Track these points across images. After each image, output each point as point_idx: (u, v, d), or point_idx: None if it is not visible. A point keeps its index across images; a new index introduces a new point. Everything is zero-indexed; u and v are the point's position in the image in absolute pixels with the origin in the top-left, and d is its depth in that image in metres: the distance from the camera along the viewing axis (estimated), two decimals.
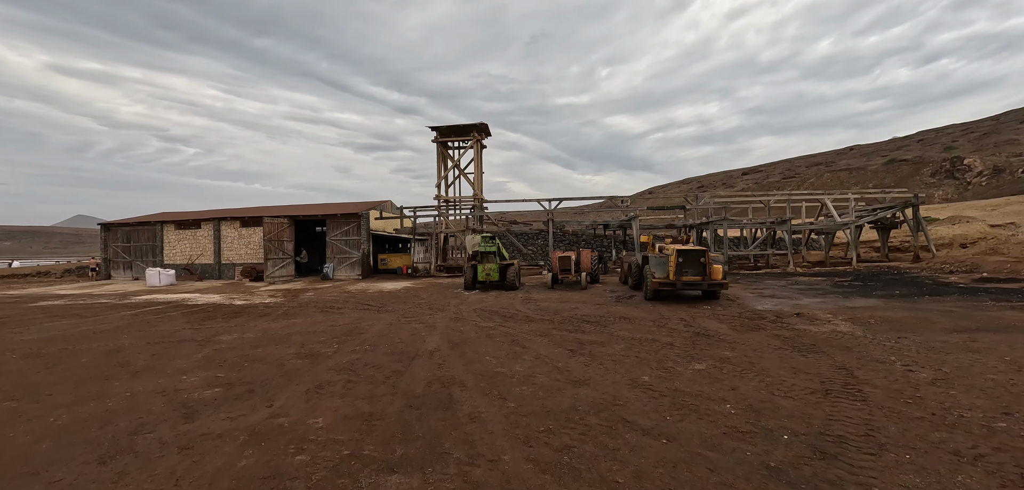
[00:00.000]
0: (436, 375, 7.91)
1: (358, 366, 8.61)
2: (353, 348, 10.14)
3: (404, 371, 8.22)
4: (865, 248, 32.08)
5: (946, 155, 71.66)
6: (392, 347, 10.20)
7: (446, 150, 31.20)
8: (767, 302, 15.85)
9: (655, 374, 7.71)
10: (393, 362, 8.87)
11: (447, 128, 30.48)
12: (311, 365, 8.77)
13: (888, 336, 10.20)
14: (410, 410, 6.21)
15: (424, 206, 29.67)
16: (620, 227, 28.21)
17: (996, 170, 57.66)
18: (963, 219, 34.56)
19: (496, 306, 16.45)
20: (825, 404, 6.11)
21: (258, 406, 6.54)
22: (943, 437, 5.04)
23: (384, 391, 7.08)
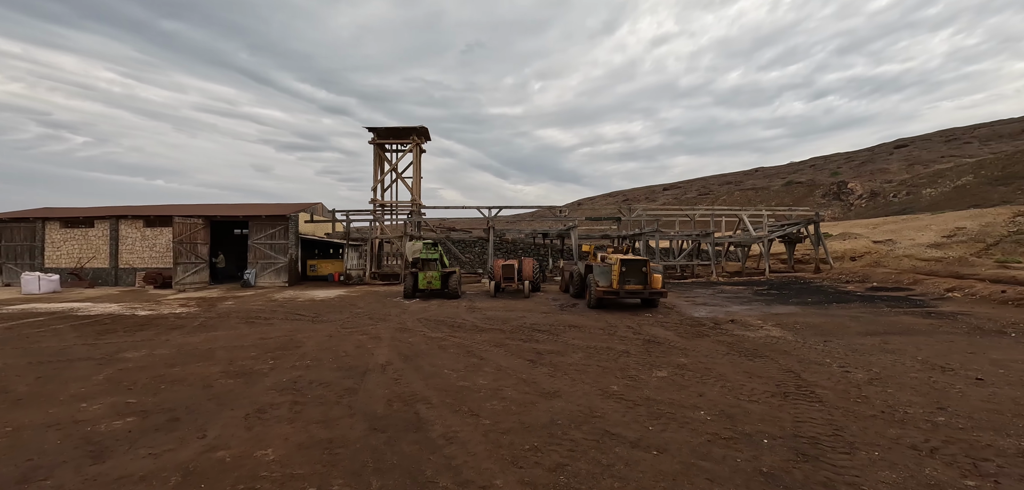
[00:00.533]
0: (395, 392, 7.29)
1: (303, 385, 7.73)
2: (292, 364, 9.15)
3: (358, 388, 7.50)
4: (774, 260, 35.28)
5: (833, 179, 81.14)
6: (338, 361, 9.35)
7: (383, 153, 29.91)
8: (702, 310, 16.73)
9: (623, 383, 7.68)
10: (343, 378, 8.08)
11: (386, 130, 29.24)
12: (246, 385, 7.74)
13: (816, 340, 11.08)
14: (376, 433, 5.60)
15: (359, 210, 28.16)
16: (558, 236, 28.68)
17: (873, 193, 66.33)
18: (851, 235, 39.19)
19: (441, 315, 15.86)
20: (788, 407, 6.38)
21: (188, 438, 5.57)
22: (898, 433, 5.42)
23: (340, 412, 6.37)
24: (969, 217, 36.37)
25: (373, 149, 29.59)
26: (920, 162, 76.77)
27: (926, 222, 38.06)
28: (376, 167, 29.61)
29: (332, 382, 7.86)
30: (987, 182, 53.67)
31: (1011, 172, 52.45)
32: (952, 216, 38.31)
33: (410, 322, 14.56)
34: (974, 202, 48.05)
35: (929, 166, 73.07)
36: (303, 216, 28.57)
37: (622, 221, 28.27)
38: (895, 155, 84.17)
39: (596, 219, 30.76)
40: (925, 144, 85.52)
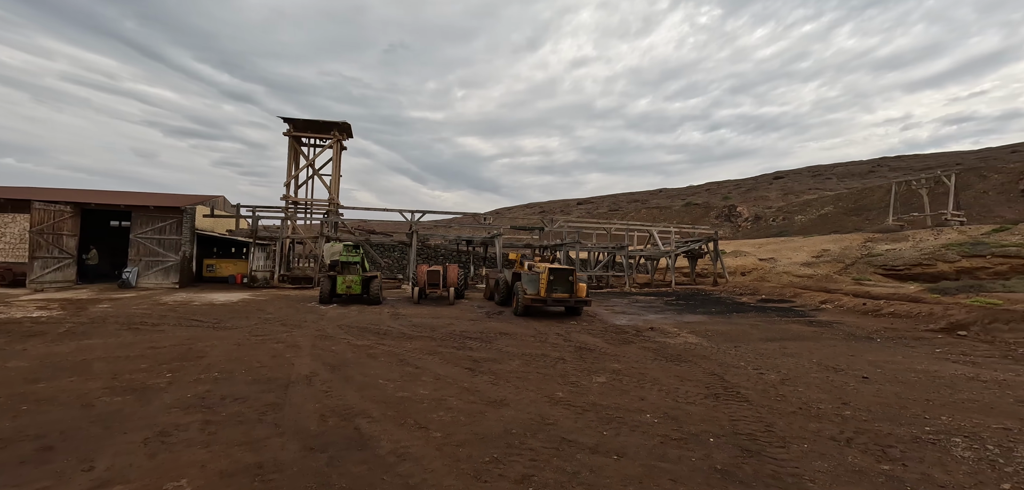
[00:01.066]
0: (328, 405, 6.61)
1: (213, 401, 6.74)
2: (196, 377, 7.96)
3: (282, 403, 6.70)
4: (677, 273, 38.31)
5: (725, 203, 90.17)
6: (252, 373, 8.32)
7: (300, 147, 27.67)
8: (622, 318, 17.54)
9: (566, 390, 7.69)
10: (262, 392, 7.18)
11: (304, 122, 27.06)
12: (139, 403, 6.56)
13: (727, 346, 12.07)
14: (314, 454, 4.99)
15: (268, 206, 25.69)
16: (482, 244, 28.56)
17: (757, 217, 74.84)
18: (741, 253, 43.78)
19: (363, 322, 14.93)
20: (722, 407, 6.79)
21: (69, 471, 4.54)
22: (817, 427, 5.99)
23: (265, 431, 5.61)
24: (832, 241, 42.39)
25: (288, 142, 27.25)
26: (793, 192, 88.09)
27: (799, 244, 43.72)
28: (291, 162, 27.31)
29: (249, 397, 6.95)
30: (844, 212, 63.01)
31: (861, 204, 62.12)
32: (819, 240, 44.39)
33: (330, 329, 13.51)
34: (834, 229, 56.17)
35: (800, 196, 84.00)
36: (202, 210, 25.43)
37: (545, 231, 28.92)
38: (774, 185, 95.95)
39: (521, 228, 31.16)
40: (797, 177, 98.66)
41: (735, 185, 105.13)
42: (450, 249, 30.62)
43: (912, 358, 10.48)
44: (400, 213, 27.70)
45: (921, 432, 5.87)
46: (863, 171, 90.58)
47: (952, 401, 7.15)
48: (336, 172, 27.15)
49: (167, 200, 25.19)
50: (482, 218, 30.56)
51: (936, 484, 4.56)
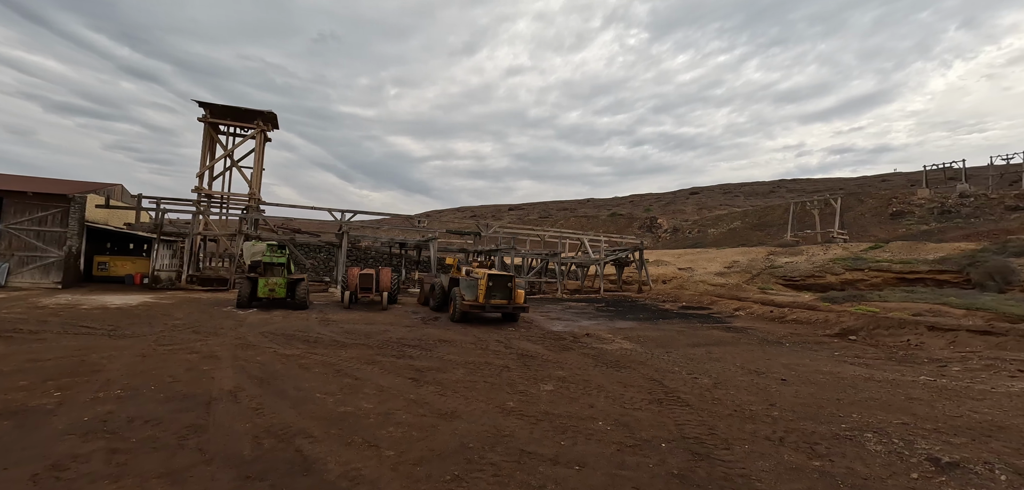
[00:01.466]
0: (261, 425, 5.99)
1: (118, 424, 5.84)
2: (93, 395, 6.88)
3: (205, 424, 5.96)
4: (605, 280, 39.95)
5: (646, 214, 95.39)
6: (164, 389, 7.35)
7: (217, 134, 25.19)
8: (558, 324, 17.87)
9: (516, 399, 7.62)
10: (178, 412, 6.36)
11: (223, 109, 24.63)
12: (21, 430, 5.52)
13: (659, 351, 12.69)
14: (252, 484, 4.46)
15: (176, 198, 23.06)
16: (416, 247, 27.83)
17: (675, 229, 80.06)
18: (662, 263, 46.56)
19: (290, 328, 13.88)
20: (666, 412, 7.08)
21: None
22: (753, 428, 6.42)
23: (189, 459, 4.94)
24: (740, 253, 46.42)
25: (204, 129, 24.69)
26: (707, 207, 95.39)
27: (713, 255, 47.39)
28: (205, 151, 24.76)
29: (164, 418, 6.11)
30: (750, 227, 69.23)
31: (764, 221, 68.66)
32: (729, 252, 48.40)
33: (252, 336, 12.39)
34: (742, 242, 61.53)
35: (712, 211, 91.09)
36: (94, 199, 22.26)
37: (481, 236, 28.83)
38: (690, 200, 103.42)
39: (456, 232, 30.80)
40: (710, 193, 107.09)
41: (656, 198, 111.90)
42: (382, 252, 29.46)
43: (817, 361, 11.66)
44: (329, 212, 26.23)
45: (838, 429, 6.50)
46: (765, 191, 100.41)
47: (857, 400, 8.01)
48: (258, 165, 25.05)
49: (50, 186, 21.79)
50: (416, 221, 29.78)
51: (859, 476, 5.05)
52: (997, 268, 29.83)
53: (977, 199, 48.84)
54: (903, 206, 53.88)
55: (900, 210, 53.41)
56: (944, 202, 50.69)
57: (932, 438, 6.22)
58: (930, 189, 56.51)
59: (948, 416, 7.14)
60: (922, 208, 51.54)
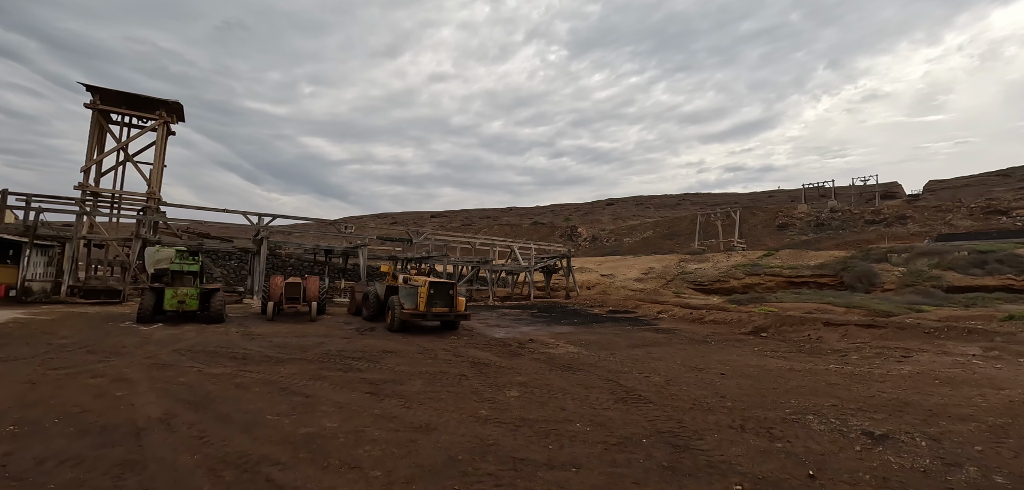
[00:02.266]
0: (212, 455, 5.27)
1: (24, 467, 4.81)
2: None
3: (142, 459, 5.11)
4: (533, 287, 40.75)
5: (566, 224, 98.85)
6: (72, 421, 6.21)
7: (108, 124, 21.82)
8: (498, 331, 17.87)
9: (487, 407, 7.46)
10: (101, 447, 5.39)
11: (117, 95, 21.34)
12: None
13: (604, 353, 13.16)
14: None
15: (52, 196, 19.58)
16: (343, 254, 26.31)
17: (594, 237, 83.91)
18: (586, 269, 48.53)
19: (209, 344, 12.44)
20: (633, 409, 7.34)
21: None
22: (715, 418, 6.87)
23: None
24: (655, 261, 49.82)
25: (92, 117, 21.25)
26: (622, 217, 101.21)
27: (632, 262, 50.36)
28: (93, 143, 21.33)
29: (85, 456, 5.14)
30: (661, 236, 74.57)
31: (674, 230, 74.36)
32: (645, 259, 51.75)
33: (165, 355, 10.92)
34: (655, 250, 66.07)
35: (626, 221, 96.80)
36: None
37: (413, 244, 28.02)
38: (607, 210, 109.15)
39: (387, 239, 29.61)
40: (624, 204, 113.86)
41: (575, 208, 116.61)
42: (305, 259, 27.45)
43: (743, 356, 12.80)
44: (244, 216, 23.98)
45: (784, 414, 7.17)
46: (673, 203, 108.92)
47: (789, 388, 8.90)
48: (159, 161, 22.07)
49: None
50: (341, 226, 28.18)
51: (816, 453, 5.62)
52: (864, 272, 34.87)
53: (843, 214, 57.04)
54: (787, 219, 61.37)
55: (785, 222, 60.75)
56: (819, 216, 58.58)
57: (859, 416, 7.09)
58: (808, 205, 64.90)
59: (863, 397, 8.18)
60: (802, 221, 59.11)
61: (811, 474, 5.13)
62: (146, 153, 22.45)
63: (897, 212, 53.06)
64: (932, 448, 5.87)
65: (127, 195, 21.96)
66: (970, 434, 6.33)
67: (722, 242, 51.22)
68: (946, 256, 32.47)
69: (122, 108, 21.83)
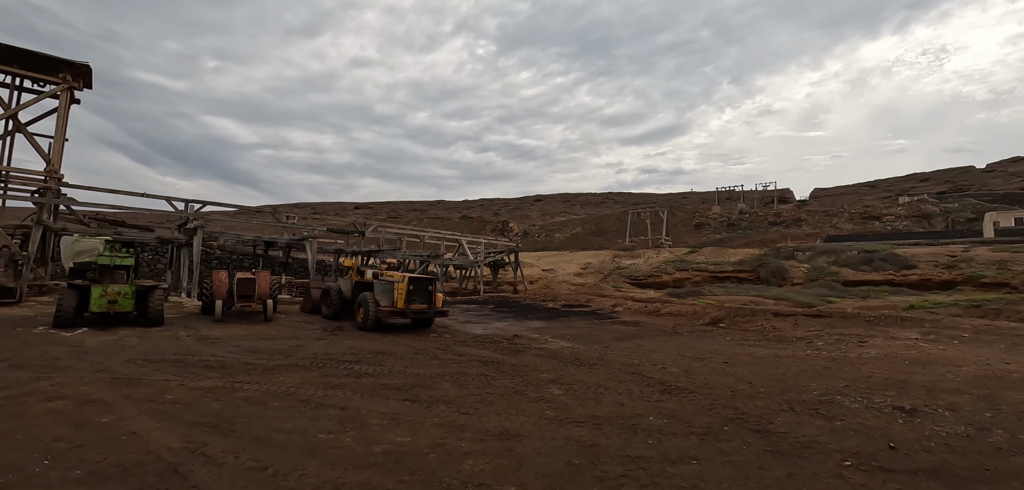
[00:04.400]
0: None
1: None
2: None
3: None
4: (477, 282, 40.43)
5: (497, 218, 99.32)
6: (73, 461, 5.03)
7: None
8: (475, 328, 17.47)
9: (548, 408, 7.24)
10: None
11: (8, 50, 17.18)
12: None
13: (597, 347, 13.35)
14: None
15: None
16: (286, 247, 24.03)
17: (525, 233, 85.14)
18: (526, 264, 49.09)
19: (165, 352, 10.76)
20: (687, 400, 7.50)
21: None
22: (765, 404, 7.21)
23: None
24: (591, 256, 51.78)
25: None
26: (550, 213, 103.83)
27: (570, 258, 51.87)
28: None
29: None
30: (589, 233, 77.61)
31: (601, 228, 77.76)
32: (582, 255, 53.58)
33: (120, 367, 9.24)
34: (584, 246, 68.60)
35: (555, 217, 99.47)
36: None
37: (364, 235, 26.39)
38: (535, 206, 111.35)
39: (338, 231, 27.53)
40: (552, 201, 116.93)
41: (504, 203, 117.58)
42: (243, 252, 24.61)
43: (724, 345, 13.69)
44: (169, 202, 21.01)
45: (816, 397, 7.77)
46: (598, 201, 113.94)
47: (796, 372, 9.66)
48: (61, 134, 18.29)
49: None
50: (283, 216, 25.72)
51: (873, 428, 6.22)
52: (776, 268, 38.92)
53: (750, 216, 63.47)
54: (703, 219, 66.98)
55: (701, 222, 66.25)
56: (730, 217, 64.64)
57: (876, 394, 7.89)
58: (720, 206, 71.27)
59: (862, 378, 9.12)
60: (716, 221, 64.86)
61: (892, 446, 5.62)
62: (44, 123, 18.61)
63: (794, 215, 60.41)
64: (956, 417, 6.69)
65: (16, 174, 17.94)
66: (971, 404, 7.31)
67: (651, 239, 54.67)
68: (841, 255, 37.43)
69: (13, 67, 17.73)
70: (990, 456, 5.43)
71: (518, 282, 36.55)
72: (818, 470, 5.02)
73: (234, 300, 16.41)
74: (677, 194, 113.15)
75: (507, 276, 40.44)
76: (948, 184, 72.82)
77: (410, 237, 34.06)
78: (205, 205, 21.82)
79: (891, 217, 54.10)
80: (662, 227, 54.00)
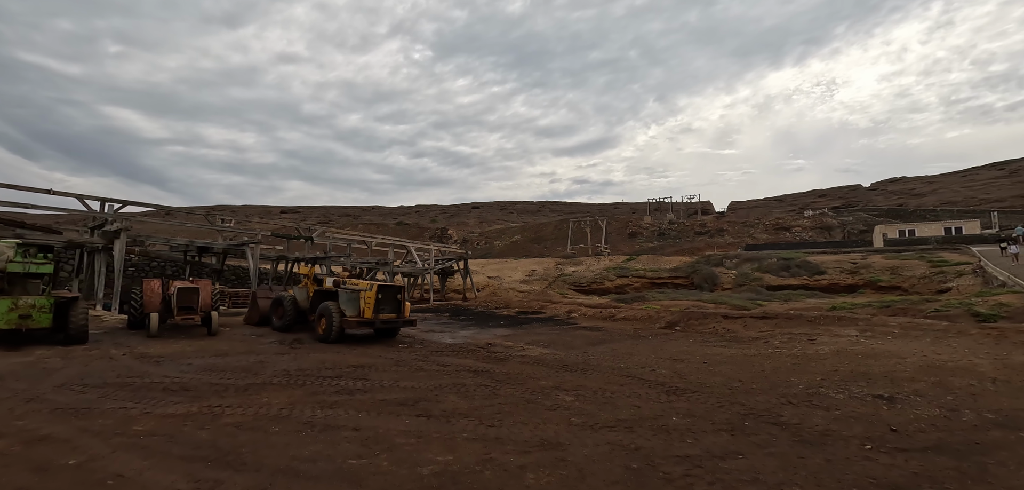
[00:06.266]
0: None
1: None
2: None
3: None
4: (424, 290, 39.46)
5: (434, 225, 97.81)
6: None
7: None
8: (444, 337, 17.01)
9: (573, 415, 7.17)
10: None
11: None
12: None
13: (575, 352, 13.47)
14: None
15: None
16: (222, 252, 21.83)
17: (464, 240, 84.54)
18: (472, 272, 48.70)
19: (104, 374, 9.42)
20: (695, 400, 7.79)
21: None
22: (764, 399, 7.67)
23: None
24: (535, 264, 52.50)
25: None
26: (487, 221, 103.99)
27: (514, 265, 52.21)
28: None
29: None
30: (528, 241, 78.66)
31: (539, 236, 79.13)
32: (525, 262, 54.15)
33: (55, 395, 7.99)
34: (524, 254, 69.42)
35: (493, 225, 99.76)
36: None
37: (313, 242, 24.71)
38: (473, 213, 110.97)
39: (285, 236, 25.43)
40: (489, 209, 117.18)
41: (441, 210, 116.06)
42: (173, 258, 21.93)
43: (691, 347, 14.39)
44: (80, 200, 18.38)
45: (803, 391, 8.38)
46: (534, 209, 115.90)
47: (773, 370, 10.37)
48: None
49: None
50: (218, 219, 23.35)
51: (865, 415, 6.86)
52: (708, 275, 41.76)
53: (679, 226, 67.82)
54: (636, 228, 70.49)
55: (635, 231, 69.67)
56: (660, 227, 68.62)
57: (851, 386, 8.67)
58: (651, 216, 75.37)
59: (829, 371, 9.99)
60: (648, 231, 68.53)
61: (893, 429, 6.21)
62: None
63: (716, 226, 65.54)
64: (926, 402, 7.54)
65: None
66: (931, 390, 8.27)
67: (591, 247, 56.58)
68: (763, 262, 41.07)
69: None
70: (971, 432, 6.17)
71: (468, 289, 36.15)
72: (847, 455, 5.43)
73: (173, 313, 14.64)
74: (609, 204, 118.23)
75: (455, 283, 39.86)
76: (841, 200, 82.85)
77: (358, 244, 32.52)
78: (125, 204, 19.33)
79: (799, 228, 60.61)
80: (601, 236, 56.08)
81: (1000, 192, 69.09)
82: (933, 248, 41.60)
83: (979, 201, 67.58)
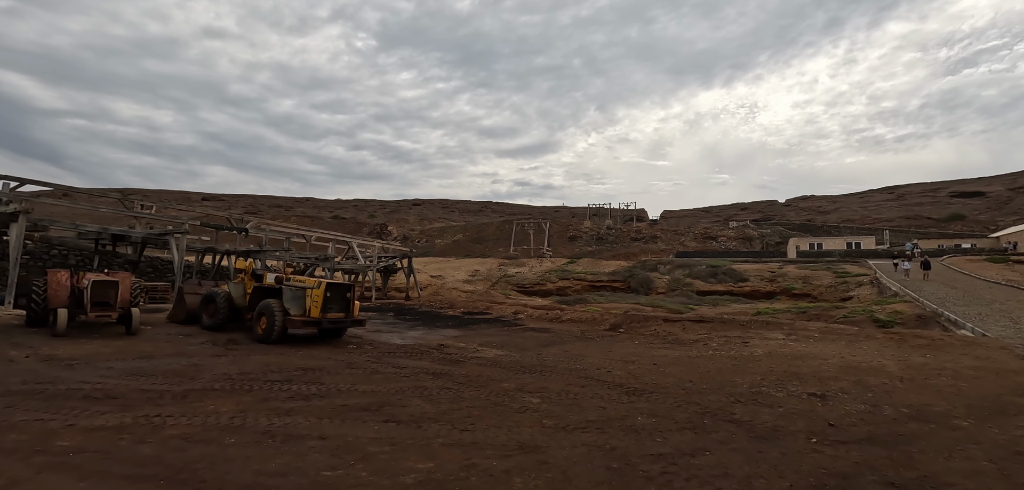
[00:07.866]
0: None
1: None
2: None
3: None
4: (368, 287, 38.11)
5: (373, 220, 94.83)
6: None
7: None
8: (393, 338, 16.56)
9: (544, 418, 7.25)
10: None
11: None
12: None
13: (528, 353, 13.66)
14: None
15: None
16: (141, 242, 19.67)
17: (405, 237, 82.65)
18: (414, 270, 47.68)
19: (3, 382, 8.23)
20: (655, 400, 8.16)
21: None
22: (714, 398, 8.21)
23: None
24: (478, 263, 52.41)
25: None
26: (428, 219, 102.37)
27: (457, 265, 51.79)
28: None
29: None
30: (470, 240, 78.41)
31: (481, 235, 79.14)
32: (469, 262, 53.91)
33: None
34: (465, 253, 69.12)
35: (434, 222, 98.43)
36: None
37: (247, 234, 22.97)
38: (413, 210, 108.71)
39: (215, 226, 23.28)
40: (430, 206, 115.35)
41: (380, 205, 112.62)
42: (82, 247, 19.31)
43: (638, 349, 15.03)
44: None
45: (747, 390, 9.04)
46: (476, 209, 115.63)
47: (715, 370, 11.08)
48: None
49: None
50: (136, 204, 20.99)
51: (804, 411, 7.55)
52: (643, 279, 43.79)
53: (616, 231, 70.63)
54: (575, 232, 72.52)
55: (574, 235, 71.65)
56: (599, 231, 71.11)
57: (788, 385, 9.49)
58: (590, 221, 77.84)
59: (764, 372, 10.86)
60: (587, 235, 70.78)
61: (831, 424, 6.88)
62: None
63: (650, 232, 69.11)
64: (851, 398, 8.43)
65: None
66: (853, 387, 9.25)
67: (533, 249, 57.44)
68: (694, 268, 43.81)
69: None
70: (893, 424, 6.99)
71: (411, 288, 35.37)
72: (798, 448, 5.96)
73: (84, 309, 13.03)
74: (550, 207, 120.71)
75: (397, 282, 38.87)
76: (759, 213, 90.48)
77: (297, 237, 30.76)
78: (23, 183, 16.96)
79: (724, 238, 65.49)
80: (544, 238, 57.16)
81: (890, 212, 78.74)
82: (837, 260, 46.56)
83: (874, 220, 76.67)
